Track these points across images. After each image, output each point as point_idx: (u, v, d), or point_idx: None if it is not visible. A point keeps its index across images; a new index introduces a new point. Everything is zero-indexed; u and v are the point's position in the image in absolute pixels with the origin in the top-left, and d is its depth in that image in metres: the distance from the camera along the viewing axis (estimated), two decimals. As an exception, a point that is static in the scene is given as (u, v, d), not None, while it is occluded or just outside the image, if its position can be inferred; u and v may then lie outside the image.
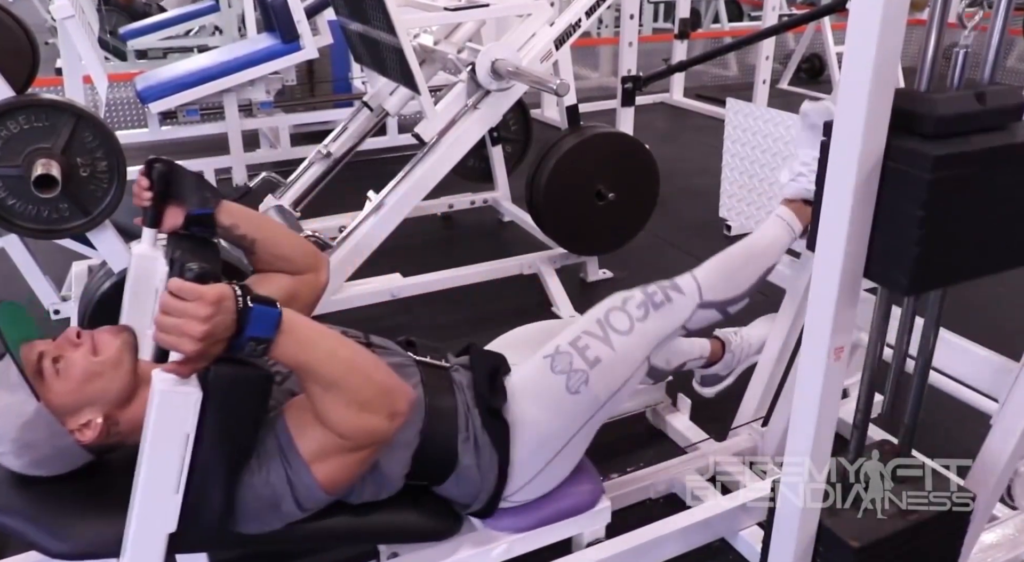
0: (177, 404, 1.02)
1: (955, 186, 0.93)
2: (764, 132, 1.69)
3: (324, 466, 1.13)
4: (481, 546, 1.40)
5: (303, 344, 1.05)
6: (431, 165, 2.38)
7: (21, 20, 2.64)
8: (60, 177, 1.46)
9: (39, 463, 1.13)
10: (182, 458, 1.05)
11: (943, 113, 0.93)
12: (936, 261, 0.96)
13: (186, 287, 0.98)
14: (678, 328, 1.41)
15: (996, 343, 1.45)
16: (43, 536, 1.12)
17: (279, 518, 1.16)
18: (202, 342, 0.97)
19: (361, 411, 1.09)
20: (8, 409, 1.10)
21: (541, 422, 1.35)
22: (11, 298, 2.74)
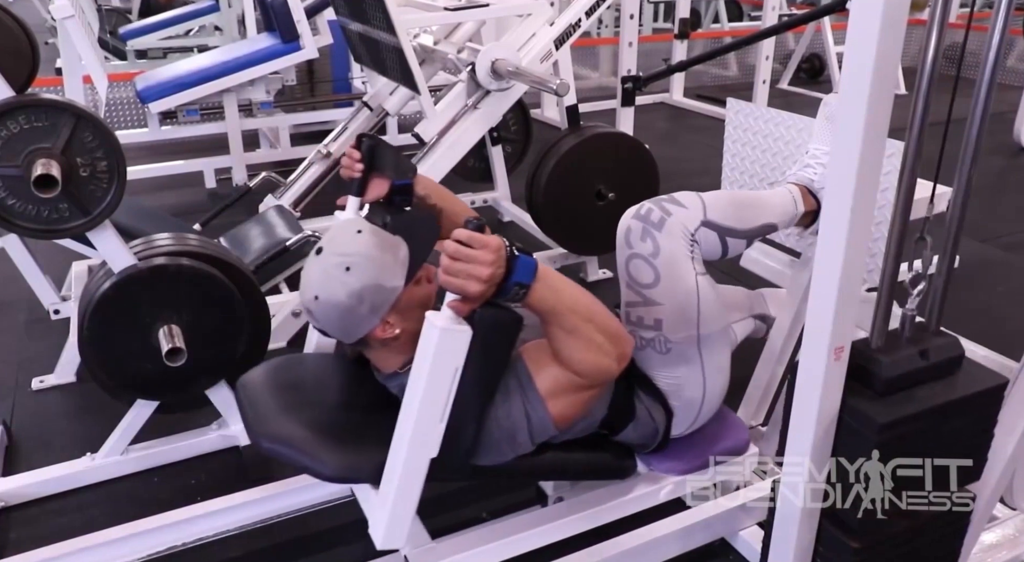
0: (454, 340, 1.12)
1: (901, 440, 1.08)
2: (764, 132, 1.69)
3: (558, 402, 1.27)
4: (652, 486, 1.52)
5: (554, 290, 1.20)
6: (431, 165, 2.38)
7: (21, 20, 2.64)
8: (60, 177, 1.45)
9: (336, 313, 1.24)
10: (450, 390, 1.16)
11: (889, 375, 1.08)
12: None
13: (475, 236, 1.10)
14: (691, 240, 1.38)
15: (996, 343, 1.45)
16: (311, 461, 1.26)
17: (513, 450, 1.28)
18: (486, 284, 1.10)
19: (597, 352, 1.23)
20: (384, 265, 1.24)
21: (670, 379, 1.44)
22: (11, 298, 2.75)
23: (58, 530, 1.68)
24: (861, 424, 1.06)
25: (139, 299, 1.64)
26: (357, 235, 1.26)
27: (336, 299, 1.22)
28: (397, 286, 1.25)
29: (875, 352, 1.10)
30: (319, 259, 1.26)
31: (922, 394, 1.10)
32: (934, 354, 1.11)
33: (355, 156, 1.46)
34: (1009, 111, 4.56)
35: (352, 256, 1.23)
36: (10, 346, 2.52)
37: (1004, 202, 3.81)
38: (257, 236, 2.49)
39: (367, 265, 1.23)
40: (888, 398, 1.08)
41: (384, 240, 1.27)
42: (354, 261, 1.23)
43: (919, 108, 1.00)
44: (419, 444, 1.17)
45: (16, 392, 2.24)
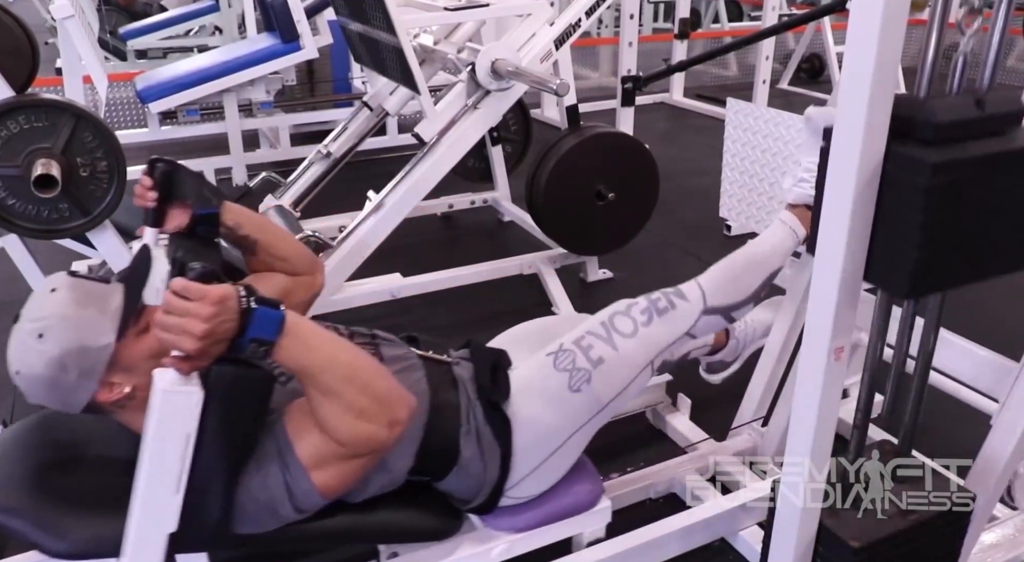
0: (179, 403, 1.02)
1: (953, 192, 0.93)
2: (764, 132, 1.69)
3: (322, 472, 1.13)
4: (481, 545, 1.40)
5: (305, 347, 1.06)
6: (431, 165, 2.38)
7: (21, 20, 2.64)
8: (60, 177, 1.46)
9: (42, 387, 1.10)
10: (183, 458, 1.04)
11: (941, 120, 0.93)
12: (935, 265, 0.96)
13: (190, 286, 0.98)
14: (683, 335, 1.42)
15: (996, 343, 1.45)
16: (43, 536, 1.12)
17: (276, 520, 1.15)
18: (203, 341, 0.97)
19: (359, 418, 1.09)
20: (83, 324, 1.08)
21: (542, 418, 1.35)
22: (11, 298, 2.74)
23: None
24: (909, 170, 0.92)
25: (139, 299, 1.64)
26: (51, 295, 1.10)
27: (36, 371, 1.07)
28: (107, 343, 1.09)
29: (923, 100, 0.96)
30: (16, 328, 1.10)
31: (976, 146, 0.95)
32: (990, 105, 0.97)
33: (147, 184, 1.32)
34: (1009, 111, 4.56)
35: (44, 319, 1.08)
36: (10, 346, 2.51)
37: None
38: (257, 236, 2.49)
39: (62, 327, 1.07)
40: (939, 147, 0.93)
41: (85, 293, 1.11)
42: (47, 325, 1.07)
43: (919, 108, 0.99)
44: (151, 518, 1.06)
45: (16, 392, 2.22)
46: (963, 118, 0.95)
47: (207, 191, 1.36)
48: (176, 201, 1.34)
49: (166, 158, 1.35)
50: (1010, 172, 0.97)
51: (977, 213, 0.97)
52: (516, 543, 1.42)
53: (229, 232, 1.39)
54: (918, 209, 0.92)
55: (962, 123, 0.95)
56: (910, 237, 0.93)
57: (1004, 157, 0.96)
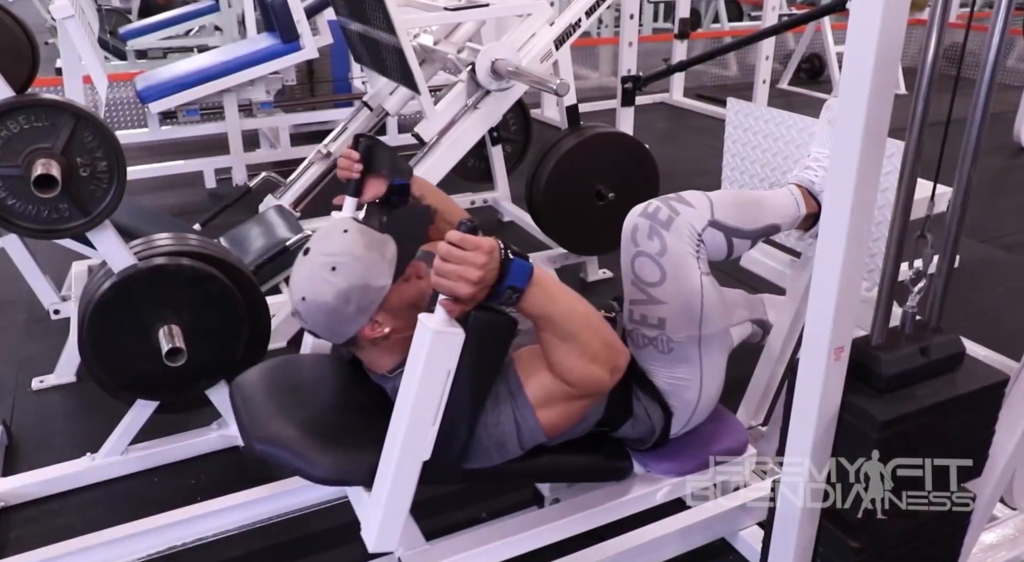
0: (446, 343, 1.12)
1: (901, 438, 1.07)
2: (764, 132, 1.69)
3: (548, 411, 1.26)
4: (649, 487, 1.51)
5: (549, 296, 1.17)
6: (431, 165, 2.38)
7: (21, 20, 2.63)
8: (60, 177, 1.45)
9: (323, 314, 1.23)
10: (442, 393, 1.15)
11: (889, 372, 1.07)
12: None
13: (467, 238, 1.08)
14: (698, 240, 1.38)
15: (996, 343, 1.45)
16: (306, 463, 1.25)
17: (502, 455, 1.27)
18: (476, 286, 1.08)
19: (590, 362, 1.21)
20: (370, 264, 1.23)
21: (668, 378, 1.44)
22: (11, 298, 2.75)
23: (58, 530, 1.68)
24: (862, 422, 1.06)
25: (139, 299, 1.64)
26: (343, 235, 1.26)
27: (323, 299, 1.22)
28: (384, 285, 1.24)
29: (875, 350, 1.09)
30: (306, 260, 1.26)
31: (923, 391, 1.09)
32: (935, 351, 1.11)
33: (353, 157, 1.46)
34: (1009, 111, 4.56)
35: (338, 255, 1.23)
36: (10, 346, 2.52)
37: (1004, 202, 3.82)
38: (257, 236, 2.50)
39: (353, 264, 1.22)
40: (889, 395, 1.07)
41: (371, 239, 1.26)
42: (340, 260, 1.22)
43: (919, 108, 1.00)
44: (411, 447, 1.17)
45: (16, 392, 2.24)
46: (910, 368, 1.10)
47: (400, 165, 1.48)
48: (374, 173, 1.47)
49: (368, 134, 1.45)
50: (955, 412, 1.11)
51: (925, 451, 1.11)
52: (677, 486, 1.53)
53: (415, 201, 1.49)
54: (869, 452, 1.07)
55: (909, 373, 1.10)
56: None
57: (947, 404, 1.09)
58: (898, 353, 1.09)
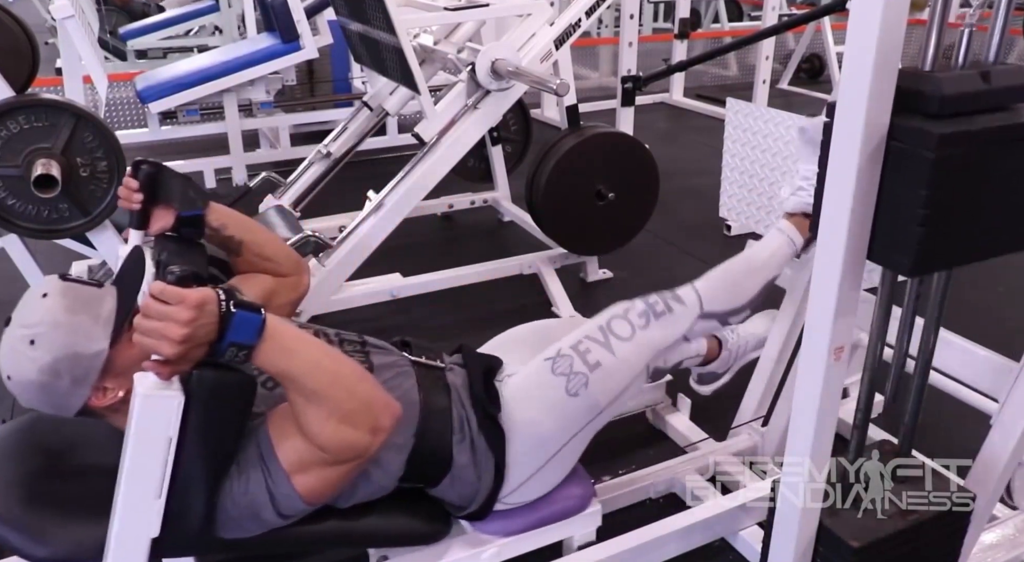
0: (159, 407, 1.01)
1: (959, 166, 0.91)
2: (764, 132, 1.69)
3: (305, 477, 1.12)
4: (471, 549, 1.40)
5: (286, 352, 1.05)
6: (431, 165, 2.38)
7: (21, 20, 2.64)
8: (60, 177, 1.46)
9: (34, 392, 1.09)
10: (164, 462, 1.03)
11: (947, 92, 0.91)
12: (939, 242, 0.94)
13: (168, 290, 0.97)
14: (679, 338, 1.43)
15: (996, 343, 1.45)
16: (24, 541, 1.11)
17: (260, 525, 1.14)
18: (182, 345, 0.96)
19: (341, 424, 1.07)
20: (75, 330, 1.08)
21: (539, 423, 1.35)
22: (11, 298, 2.74)
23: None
24: (914, 142, 0.90)
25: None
26: (42, 301, 1.10)
27: (28, 378, 1.07)
28: (100, 349, 1.09)
29: (928, 73, 0.95)
30: (6, 332, 1.10)
31: (983, 120, 0.93)
32: (996, 79, 0.95)
33: (132, 186, 1.30)
34: (1009, 111, 4.56)
35: (35, 326, 1.07)
36: (10, 346, 2.51)
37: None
38: (257, 236, 2.49)
39: (54, 334, 1.07)
40: (945, 120, 0.91)
41: (76, 300, 1.10)
42: (37, 332, 1.07)
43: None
44: (133, 523, 1.05)
45: (16, 392, 2.23)
46: (969, 91, 0.93)
47: (192, 192, 1.34)
48: (161, 202, 1.32)
49: (150, 159, 1.33)
50: (1016, 148, 0.95)
51: (982, 189, 0.95)
52: (506, 547, 1.42)
53: (214, 233, 1.38)
54: (923, 183, 0.89)
55: (968, 96, 0.93)
56: (914, 213, 0.91)
57: (1011, 131, 0.94)
58: (954, 75, 0.94)
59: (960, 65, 0.98)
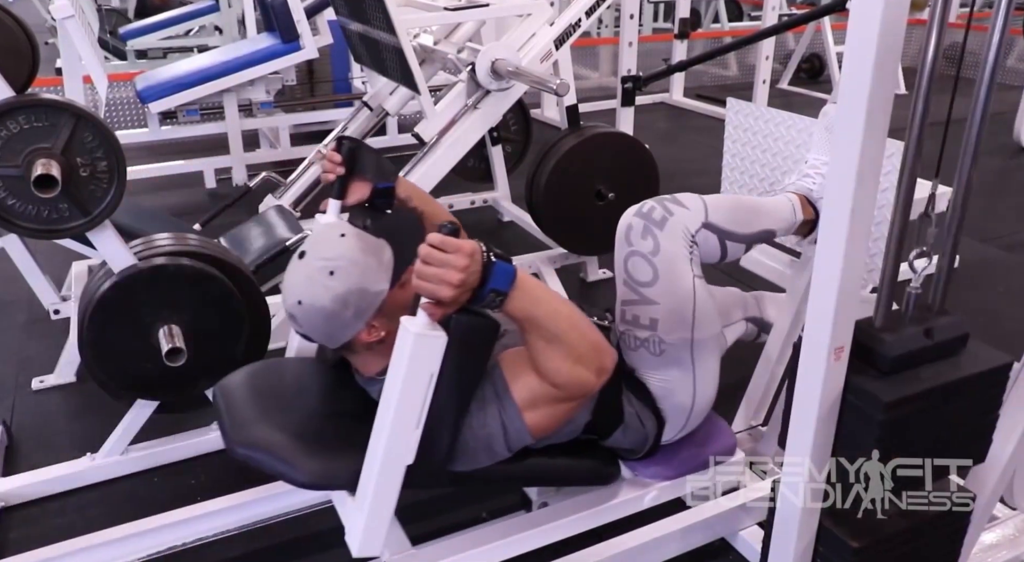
0: (428, 346, 1.11)
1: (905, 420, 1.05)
2: (764, 132, 1.69)
3: (535, 413, 1.25)
4: (636, 491, 1.53)
5: (533, 299, 1.17)
6: (431, 165, 2.38)
7: (21, 20, 2.64)
8: (60, 177, 1.46)
9: (320, 317, 1.22)
10: (425, 396, 1.14)
11: (893, 354, 1.05)
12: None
13: (448, 240, 1.08)
14: (691, 241, 1.39)
15: (996, 343, 1.45)
16: (288, 467, 1.24)
17: (489, 457, 1.27)
18: (458, 289, 1.07)
19: (576, 364, 1.21)
20: (367, 269, 1.23)
21: (661, 381, 1.43)
22: (11, 298, 2.75)
23: (58, 530, 1.68)
24: (866, 404, 1.04)
25: (139, 299, 1.64)
26: (340, 239, 1.25)
27: (320, 304, 1.21)
28: (382, 290, 1.24)
29: (879, 331, 1.08)
30: (302, 263, 1.24)
31: (927, 374, 1.07)
32: (938, 333, 1.09)
33: (336, 159, 1.44)
34: (1009, 111, 4.56)
35: (336, 260, 1.22)
36: (10, 346, 2.51)
37: (1004, 202, 3.81)
38: (257, 236, 2.49)
39: (351, 269, 1.21)
40: (893, 377, 1.05)
41: (368, 243, 1.26)
42: (338, 265, 1.21)
43: (919, 108, 1.00)
44: (394, 451, 1.16)
45: (16, 392, 2.24)
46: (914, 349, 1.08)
47: (385, 167, 1.47)
48: (357, 175, 1.45)
49: (352, 136, 1.45)
50: (958, 396, 1.09)
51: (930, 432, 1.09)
52: (665, 490, 1.54)
53: (401, 204, 1.49)
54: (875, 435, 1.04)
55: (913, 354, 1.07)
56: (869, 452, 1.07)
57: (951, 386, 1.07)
58: (901, 334, 1.07)
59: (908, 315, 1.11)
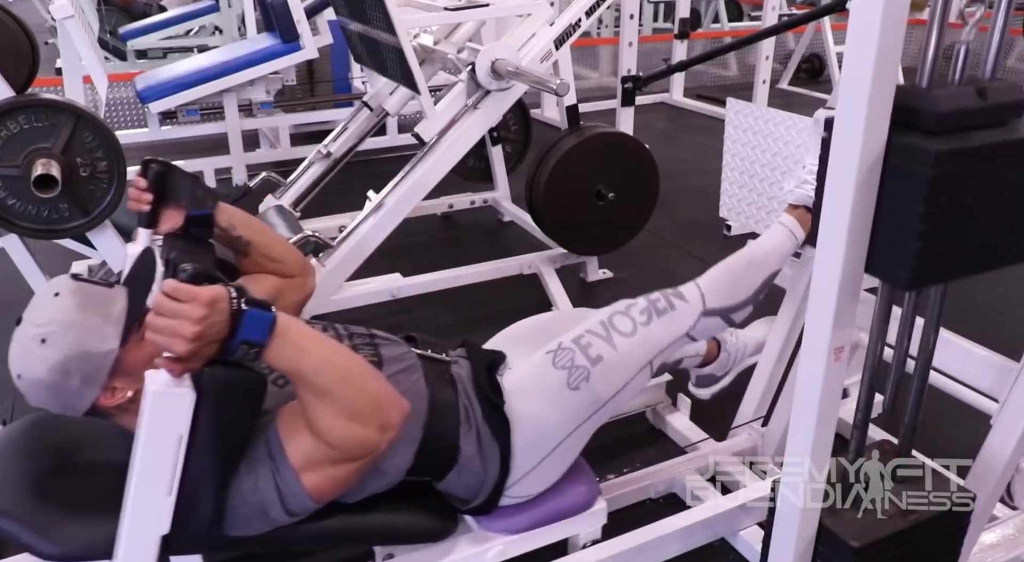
0: (170, 405, 1.01)
1: (956, 182, 0.92)
2: (764, 132, 1.69)
3: (313, 475, 1.12)
4: (477, 546, 1.40)
5: (297, 349, 1.05)
6: (431, 165, 2.38)
7: (21, 20, 2.64)
8: (60, 177, 1.46)
9: (44, 391, 1.09)
10: (175, 459, 1.04)
11: (944, 109, 0.92)
12: (936, 256, 0.95)
13: (180, 288, 0.97)
14: (682, 336, 1.41)
15: (996, 343, 1.45)
16: (35, 538, 1.12)
17: (267, 523, 1.15)
18: (194, 343, 0.96)
19: (351, 421, 1.08)
20: (86, 329, 1.08)
21: (541, 416, 1.35)
22: (11, 298, 2.75)
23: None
24: (911, 156, 0.91)
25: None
26: (53, 300, 1.10)
27: (38, 376, 1.07)
28: (111, 349, 1.09)
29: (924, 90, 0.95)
30: (17, 331, 1.11)
31: (979, 135, 0.94)
32: (992, 96, 0.96)
33: (141, 185, 1.32)
34: (1009, 111, 4.56)
35: (46, 325, 1.08)
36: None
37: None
38: (257, 236, 2.49)
39: (65, 333, 1.07)
40: (941, 136, 0.92)
41: (88, 299, 1.11)
42: (49, 331, 1.07)
43: (919, 107, 0.99)
44: (144, 520, 1.06)
45: (16, 392, 2.22)
46: (965, 108, 0.94)
47: (201, 192, 1.36)
48: (170, 202, 1.34)
49: (159, 159, 1.34)
50: (1011, 163, 0.96)
51: (979, 204, 0.96)
52: (512, 545, 1.42)
53: (223, 233, 1.39)
54: (920, 199, 0.90)
55: (965, 112, 0.94)
56: (912, 228, 0.92)
57: (1007, 147, 0.94)
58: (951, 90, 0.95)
59: (957, 81, 0.98)
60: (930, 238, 0.93)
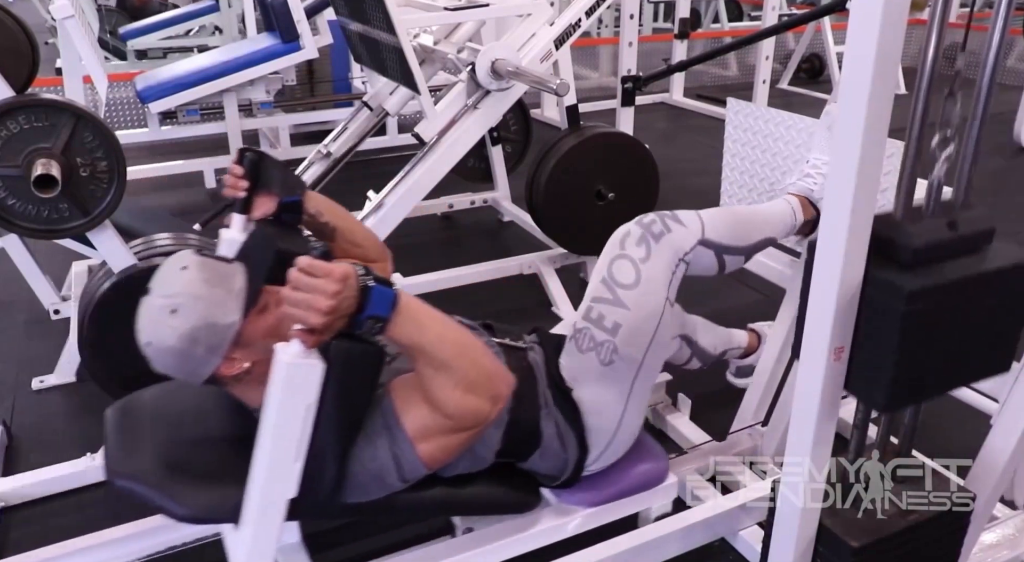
0: (301, 375, 1.06)
1: (928, 316, 0.99)
2: (764, 132, 1.69)
3: (427, 444, 1.19)
4: (560, 519, 1.48)
5: (417, 324, 1.13)
6: (431, 165, 2.38)
7: (21, 20, 2.64)
8: (60, 177, 1.46)
9: (171, 358, 1.15)
10: (303, 427, 1.09)
11: (918, 245, 0.99)
12: (911, 381, 1.02)
13: (316, 264, 1.03)
14: (679, 261, 1.41)
15: (996, 343, 1.45)
16: (168, 501, 1.20)
17: (383, 489, 1.22)
18: (328, 316, 1.03)
19: (467, 393, 1.16)
20: (213, 302, 1.14)
21: (597, 396, 1.41)
22: (11, 298, 2.75)
23: (58, 530, 1.68)
24: (886, 292, 0.97)
25: (139, 299, 1.64)
26: (181, 273, 1.16)
27: (167, 344, 1.14)
28: (233, 321, 1.16)
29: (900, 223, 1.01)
30: (146, 302, 1.17)
31: (951, 268, 1.00)
32: (963, 226, 1.02)
33: (237, 172, 1.38)
34: (1009, 111, 4.56)
35: (177, 297, 1.14)
36: (10, 346, 2.52)
37: (1004, 202, 3.81)
38: (257, 236, 2.49)
39: (194, 305, 1.13)
40: (915, 269, 0.98)
41: (213, 273, 1.17)
42: (179, 302, 1.13)
43: (919, 108, 1.00)
44: (274, 484, 1.12)
45: (16, 392, 2.24)
46: (938, 241, 1.00)
47: (291, 180, 1.42)
48: (263, 189, 1.40)
49: (254, 148, 1.40)
50: (982, 291, 1.03)
51: (952, 330, 1.02)
52: (590, 517, 1.49)
53: (311, 219, 1.44)
54: (895, 331, 0.96)
55: (937, 245, 1.00)
56: (888, 355, 0.98)
57: (977, 279, 1.01)
58: (924, 226, 1.01)
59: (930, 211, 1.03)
60: (904, 366, 0.99)
